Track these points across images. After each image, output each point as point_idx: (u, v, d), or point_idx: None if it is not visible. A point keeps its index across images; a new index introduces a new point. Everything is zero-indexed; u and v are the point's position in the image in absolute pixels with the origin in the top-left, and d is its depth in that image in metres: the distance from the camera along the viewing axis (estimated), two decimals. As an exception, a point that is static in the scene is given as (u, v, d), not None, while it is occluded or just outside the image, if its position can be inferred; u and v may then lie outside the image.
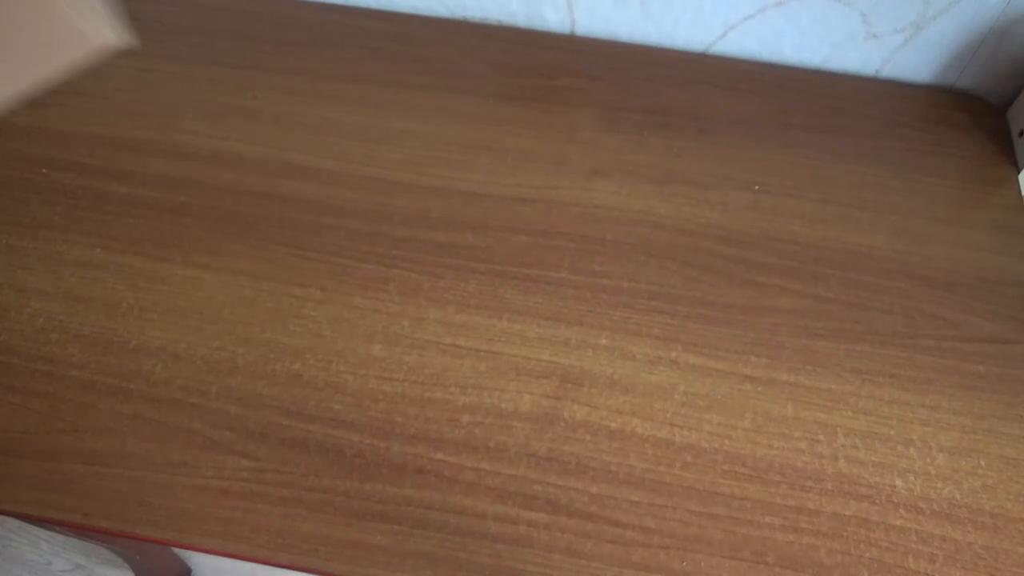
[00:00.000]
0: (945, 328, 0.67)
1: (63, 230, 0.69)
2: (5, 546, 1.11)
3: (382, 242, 0.69)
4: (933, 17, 0.79)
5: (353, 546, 0.54)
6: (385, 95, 0.80)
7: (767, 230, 0.72)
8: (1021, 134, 0.80)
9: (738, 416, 0.61)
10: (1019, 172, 0.78)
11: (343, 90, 0.80)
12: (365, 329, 0.64)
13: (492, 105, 0.80)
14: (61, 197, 0.71)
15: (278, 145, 0.75)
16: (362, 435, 0.59)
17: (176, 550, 1.10)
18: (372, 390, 0.61)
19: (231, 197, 0.72)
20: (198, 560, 1.16)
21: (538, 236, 0.71)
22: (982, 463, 0.60)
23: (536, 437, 0.60)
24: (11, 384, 0.61)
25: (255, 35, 0.85)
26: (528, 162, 0.76)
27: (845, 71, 0.86)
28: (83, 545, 1.12)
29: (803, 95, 0.84)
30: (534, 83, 0.83)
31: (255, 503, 0.56)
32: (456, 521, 0.56)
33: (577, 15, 0.86)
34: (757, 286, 0.69)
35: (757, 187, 0.75)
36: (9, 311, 0.64)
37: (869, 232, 0.73)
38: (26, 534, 1.13)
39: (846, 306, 0.68)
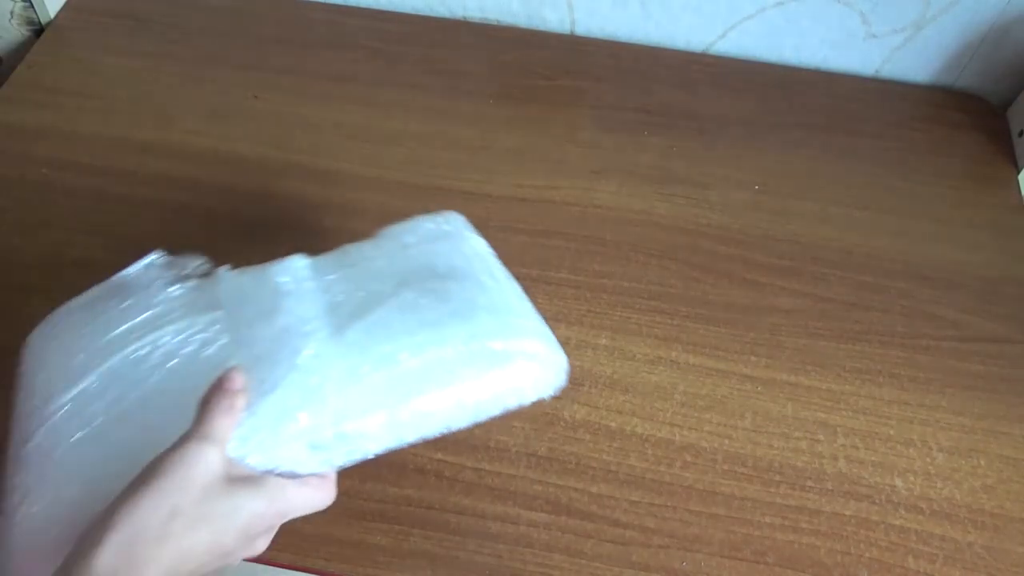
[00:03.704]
0: (945, 328, 0.67)
1: (63, 230, 0.69)
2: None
3: (382, 242, 0.69)
4: (933, 17, 0.79)
5: (353, 546, 0.54)
6: (385, 95, 0.80)
7: (767, 230, 0.72)
8: (1021, 134, 0.80)
9: (738, 416, 0.61)
10: (1019, 172, 0.78)
11: (343, 90, 0.80)
12: (365, 329, 0.64)
13: (492, 105, 0.80)
14: (61, 197, 0.71)
15: (278, 145, 0.75)
16: (362, 435, 0.59)
17: (176, 550, 1.10)
18: (372, 390, 0.61)
19: (231, 197, 0.72)
20: (198, 560, 1.16)
21: (538, 236, 0.71)
22: (982, 463, 0.60)
23: (536, 437, 0.59)
24: (11, 384, 0.60)
25: (255, 35, 0.85)
26: (528, 162, 0.76)
27: (845, 71, 0.86)
28: (83, 545, 1.12)
29: (803, 95, 0.84)
30: (534, 83, 0.83)
31: (255, 503, 0.56)
32: (456, 521, 0.56)
33: (577, 15, 0.86)
34: (757, 286, 0.69)
35: (757, 187, 0.75)
36: (10, 311, 0.64)
37: (869, 232, 0.73)
38: (26, 534, 1.12)
39: (846, 306, 0.68)
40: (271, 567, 0.54)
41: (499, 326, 0.46)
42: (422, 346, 0.44)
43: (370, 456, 0.45)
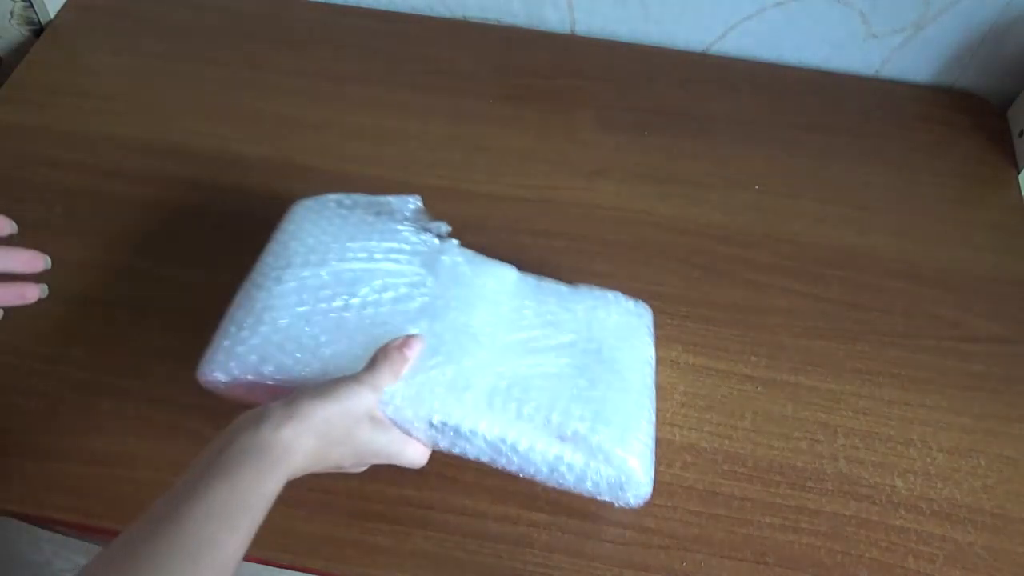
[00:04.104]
0: (945, 328, 0.67)
1: (63, 230, 0.69)
2: (5, 546, 1.11)
3: (382, 242, 0.69)
4: (933, 17, 0.79)
5: (353, 546, 0.54)
6: (385, 95, 0.80)
7: (767, 230, 0.72)
8: (1021, 134, 0.80)
9: (738, 416, 0.61)
10: (1019, 172, 0.78)
11: (343, 90, 0.80)
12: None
13: (492, 105, 0.80)
14: (61, 197, 0.71)
15: (279, 145, 0.75)
16: (362, 435, 0.59)
17: (176, 550, 1.10)
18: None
19: (231, 197, 0.72)
20: (198, 560, 1.16)
21: (538, 236, 0.71)
22: (982, 463, 0.60)
23: (536, 437, 0.59)
24: (11, 384, 0.60)
25: (255, 35, 0.85)
26: (528, 162, 0.76)
27: (845, 71, 0.86)
28: (83, 545, 1.12)
29: (803, 95, 0.84)
30: (534, 83, 0.83)
31: (255, 503, 0.56)
32: (456, 521, 0.56)
33: (577, 15, 0.86)
34: (757, 286, 0.69)
35: (757, 187, 0.75)
36: (9, 311, 0.64)
37: (869, 232, 0.73)
38: (26, 534, 1.12)
39: (846, 306, 0.68)
40: (271, 567, 0.54)
41: (620, 434, 0.52)
42: (552, 412, 0.52)
43: (462, 455, 0.52)
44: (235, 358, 0.52)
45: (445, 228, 0.60)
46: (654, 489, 0.57)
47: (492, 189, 0.74)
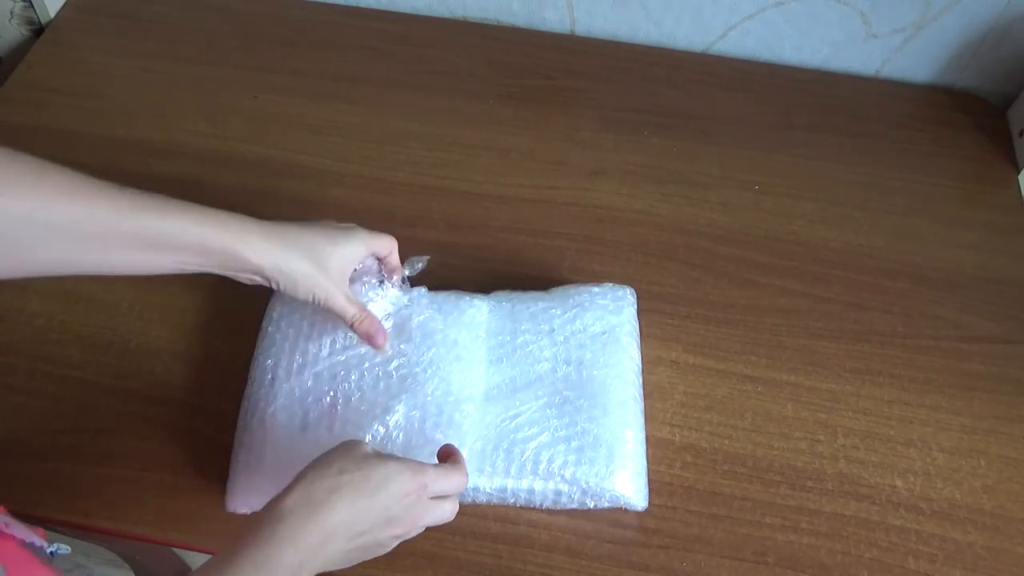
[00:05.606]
0: (945, 328, 0.67)
1: (63, 230, 0.68)
2: (5, 546, 1.11)
3: (382, 242, 0.69)
4: (933, 17, 0.79)
5: (353, 546, 0.54)
6: (385, 95, 0.80)
7: (767, 230, 0.72)
8: (1021, 134, 0.80)
9: (738, 416, 0.61)
10: (1019, 172, 0.78)
11: (343, 90, 0.80)
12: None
13: (492, 105, 0.80)
14: (61, 197, 0.71)
15: (279, 145, 0.75)
16: (362, 435, 0.59)
17: (176, 550, 1.10)
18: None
19: (231, 197, 0.71)
20: (198, 560, 1.16)
21: (538, 236, 0.71)
22: (982, 463, 0.60)
23: (536, 437, 0.59)
24: (11, 384, 0.60)
25: (255, 35, 0.85)
26: (528, 162, 0.76)
27: (845, 71, 0.86)
28: (83, 545, 1.11)
29: (803, 95, 0.84)
30: (534, 83, 0.83)
31: (255, 503, 0.56)
32: (456, 521, 0.56)
33: (577, 15, 0.86)
34: (757, 286, 0.69)
35: (757, 187, 0.75)
36: (9, 311, 0.64)
37: (869, 232, 0.73)
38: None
39: (846, 306, 0.68)
40: (271, 567, 0.54)
41: (605, 467, 0.55)
42: (539, 464, 0.55)
43: (473, 502, 0.56)
44: (251, 493, 0.55)
45: (420, 265, 0.60)
46: (653, 490, 0.57)
47: (492, 189, 0.74)
